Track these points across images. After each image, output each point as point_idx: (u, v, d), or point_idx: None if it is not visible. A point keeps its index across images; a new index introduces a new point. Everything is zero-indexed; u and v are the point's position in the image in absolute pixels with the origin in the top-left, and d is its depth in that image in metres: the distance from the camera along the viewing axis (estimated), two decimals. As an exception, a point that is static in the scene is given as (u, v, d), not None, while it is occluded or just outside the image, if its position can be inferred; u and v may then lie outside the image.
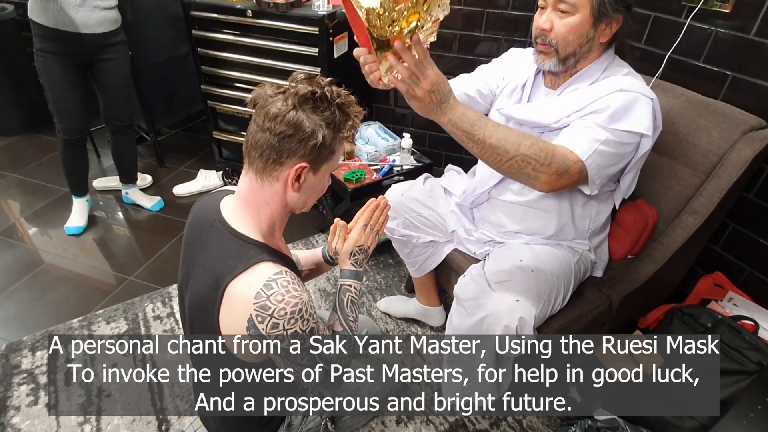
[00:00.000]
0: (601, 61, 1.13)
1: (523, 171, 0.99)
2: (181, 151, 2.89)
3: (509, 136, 0.97)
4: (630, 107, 1.05)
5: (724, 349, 1.28)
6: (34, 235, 2.22)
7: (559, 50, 1.10)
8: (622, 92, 1.06)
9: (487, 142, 0.95)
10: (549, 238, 1.30)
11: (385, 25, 0.79)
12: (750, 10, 1.32)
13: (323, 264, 1.20)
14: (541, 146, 0.98)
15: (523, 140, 0.97)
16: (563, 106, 1.11)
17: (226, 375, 0.91)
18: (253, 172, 0.86)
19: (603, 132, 1.03)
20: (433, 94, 0.89)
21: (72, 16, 1.76)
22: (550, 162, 0.98)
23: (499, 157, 0.97)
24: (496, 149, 0.96)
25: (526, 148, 0.96)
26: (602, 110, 1.04)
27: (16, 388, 1.53)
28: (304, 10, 1.89)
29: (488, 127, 0.95)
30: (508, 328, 1.13)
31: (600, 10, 1.04)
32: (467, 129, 0.94)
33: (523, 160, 0.97)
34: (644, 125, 1.05)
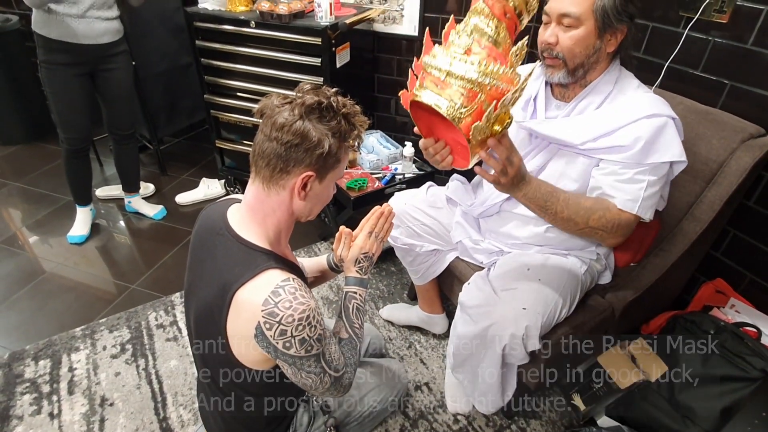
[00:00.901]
0: (610, 73, 1.14)
1: (592, 237, 1.13)
2: (183, 159, 2.90)
3: (579, 210, 1.07)
4: (659, 135, 1.06)
5: (727, 355, 1.28)
6: (36, 244, 2.23)
7: (567, 62, 1.10)
8: (650, 119, 1.06)
9: (559, 216, 1.07)
10: (558, 247, 1.30)
11: (485, 131, 0.84)
12: (747, 20, 1.34)
13: (328, 271, 1.20)
14: (608, 218, 1.08)
15: (592, 214, 1.08)
16: (590, 128, 1.11)
17: (227, 375, 0.91)
18: (260, 180, 0.87)
19: (642, 177, 1.07)
20: (516, 177, 0.98)
21: (74, 28, 1.79)
22: (616, 230, 1.10)
23: (569, 227, 1.11)
24: (568, 222, 1.08)
25: (595, 222, 1.08)
26: (631, 145, 1.06)
27: (19, 397, 1.52)
28: (306, 21, 1.92)
29: (560, 201, 1.05)
30: (514, 337, 1.14)
31: (604, 22, 1.04)
32: (541, 204, 1.05)
33: (592, 231, 1.10)
34: (676, 152, 1.07)
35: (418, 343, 1.75)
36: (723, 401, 1.25)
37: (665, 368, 1.36)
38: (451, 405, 1.51)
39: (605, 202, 1.09)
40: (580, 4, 1.03)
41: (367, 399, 1.19)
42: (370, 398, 1.20)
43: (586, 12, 1.04)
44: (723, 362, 1.28)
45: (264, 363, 0.88)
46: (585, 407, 1.43)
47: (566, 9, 1.04)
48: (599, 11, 1.03)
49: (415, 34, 2.20)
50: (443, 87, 0.83)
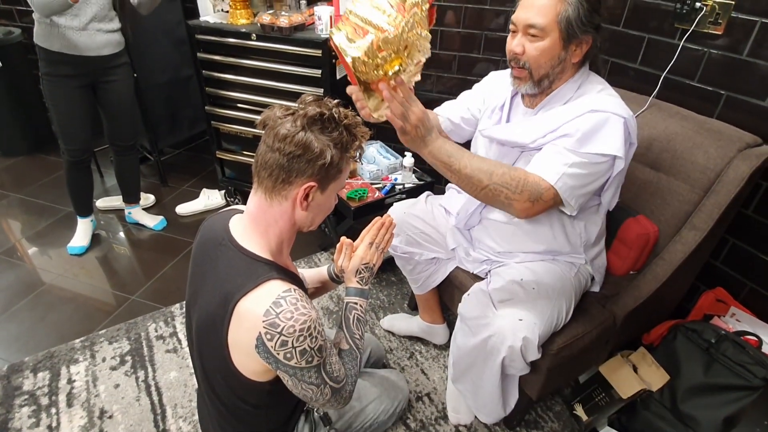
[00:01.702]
0: (574, 80, 1.15)
1: (498, 199, 1.05)
2: (183, 170, 2.91)
3: (482, 166, 1.03)
4: (599, 128, 1.06)
5: (729, 364, 1.28)
6: (36, 255, 2.23)
7: (532, 73, 1.11)
8: (593, 113, 1.07)
9: (462, 172, 1.02)
10: (543, 254, 1.31)
11: (370, 70, 0.88)
12: (742, 31, 1.36)
13: (329, 282, 1.20)
14: (513, 175, 1.04)
15: (496, 170, 1.03)
16: (539, 127, 1.13)
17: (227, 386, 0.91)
18: (263, 191, 0.87)
19: (571, 156, 1.05)
20: (418, 128, 0.97)
21: (76, 40, 1.81)
22: (522, 190, 1.04)
23: (474, 186, 1.04)
24: (471, 179, 1.03)
25: (498, 177, 1.03)
26: (572, 134, 1.06)
27: (18, 410, 1.51)
28: (307, 34, 1.94)
29: (464, 158, 1.02)
30: (513, 349, 1.14)
31: (569, 33, 1.05)
32: (445, 160, 1.02)
33: (495, 189, 1.03)
34: (615, 146, 1.05)
35: (418, 353, 1.74)
36: (725, 410, 1.25)
37: (667, 377, 1.36)
38: (452, 416, 1.50)
39: (515, 167, 1.08)
40: (545, 15, 1.04)
41: (368, 410, 1.19)
42: (371, 409, 1.20)
43: (551, 23, 1.05)
44: (725, 371, 1.28)
45: (265, 374, 0.88)
46: (587, 417, 1.42)
47: (532, 20, 1.05)
48: (563, 22, 1.04)
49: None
50: (351, 28, 0.88)
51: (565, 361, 1.26)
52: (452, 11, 2.09)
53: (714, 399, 1.27)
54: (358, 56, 0.86)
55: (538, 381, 1.29)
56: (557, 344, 1.23)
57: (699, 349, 1.35)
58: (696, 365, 1.34)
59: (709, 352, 1.33)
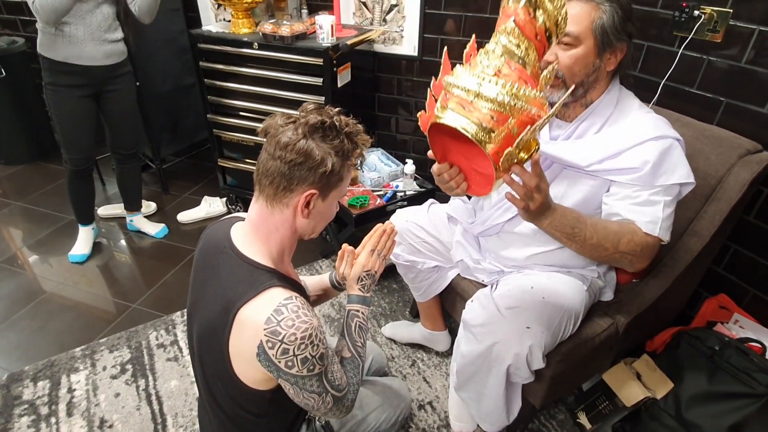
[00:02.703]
0: (611, 93, 1.13)
1: (620, 262, 1.08)
2: (185, 178, 2.92)
3: (608, 235, 1.02)
4: (666, 157, 1.05)
5: (733, 372, 1.27)
6: (37, 264, 2.23)
7: (566, 82, 1.08)
8: (657, 141, 1.05)
9: (588, 243, 1.01)
10: (560, 266, 1.29)
11: (513, 160, 0.79)
12: (740, 39, 1.37)
13: (330, 289, 1.20)
14: (637, 241, 1.04)
15: (621, 238, 1.03)
16: (595, 150, 1.11)
17: (229, 394, 0.91)
18: (264, 198, 0.87)
19: (659, 198, 1.05)
20: (543, 205, 0.93)
21: (80, 50, 1.82)
22: (643, 253, 1.05)
23: (598, 253, 1.04)
24: (596, 248, 1.03)
25: (624, 246, 1.03)
26: (641, 168, 1.05)
27: (17, 419, 1.51)
28: (308, 42, 1.95)
29: (587, 228, 1.01)
30: (519, 357, 1.13)
31: (603, 40, 1.04)
32: (568, 232, 1.00)
33: (621, 256, 1.04)
34: (684, 173, 1.06)
35: (421, 361, 1.74)
36: (730, 418, 1.23)
37: (671, 385, 1.35)
38: (455, 424, 1.49)
39: (630, 225, 1.06)
40: (580, 23, 1.03)
41: (370, 419, 1.18)
42: (373, 418, 1.19)
43: (585, 31, 1.03)
44: (729, 379, 1.27)
45: (266, 382, 0.87)
46: (591, 426, 1.41)
47: (566, 28, 1.05)
48: (598, 30, 1.03)
49: (415, 54, 2.23)
50: (470, 109, 0.78)
51: (569, 369, 1.25)
52: (452, 20, 2.10)
53: (718, 407, 1.26)
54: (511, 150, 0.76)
55: (541, 389, 1.28)
56: (561, 352, 1.22)
57: (703, 357, 1.35)
58: (700, 373, 1.33)
59: (713, 360, 1.32)
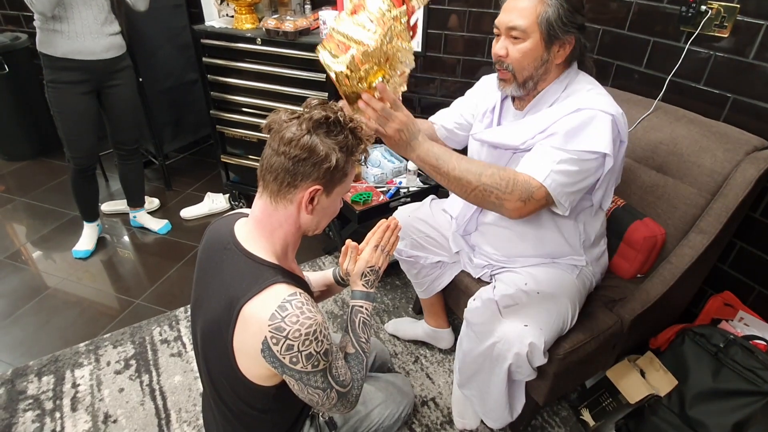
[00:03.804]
0: (560, 81, 1.14)
1: (488, 200, 1.03)
2: (188, 174, 2.92)
3: (471, 167, 1.02)
4: (586, 126, 1.05)
5: (738, 369, 1.27)
6: (40, 259, 2.23)
7: (516, 75, 1.12)
8: (579, 111, 1.06)
9: (451, 175, 1.01)
10: (543, 257, 1.30)
11: (354, 83, 0.93)
12: (747, 34, 1.36)
13: (334, 285, 1.20)
14: (502, 175, 1.02)
15: (484, 171, 1.02)
16: (528, 128, 1.13)
17: (233, 390, 0.91)
18: (268, 194, 0.87)
19: (558, 153, 1.04)
20: (401, 132, 0.97)
21: (79, 45, 1.81)
22: (512, 190, 1.02)
23: (463, 187, 1.03)
24: (460, 180, 1.02)
25: (487, 178, 1.01)
26: (558, 132, 1.06)
27: (22, 414, 1.51)
28: (312, 38, 1.95)
29: (452, 160, 1.02)
30: (519, 355, 1.13)
31: (550, 34, 1.06)
32: (433, 163, 1.01)
33: (485, 190, 1.02)
34: (602, 143, 1.04)
35: (424, 357, 1.74)
36: (735, 416, 1.23)
37: (675, 382, 1.35)
38: (458, 420, 1.49)
39: (504, 167, 1.07)
40: (526, 17, 1.05)
41: (373, 415, 1.18)
42: (377, 414, 1.19)
43: (531, 24, 1.05)
44: (734, 376, 1.27)
45: (270, 378, 0.87)
46: (594, 422, 1.41)
47: (513, 22, 1.06)
48: (544, 23, 1.05)
49: (419, 50, 2.22)
50: (334, 45, 0.94)
51: (572, 365, 1.25)
52: (456, 15, 2.09)
53: (723, 404, 1.26)
54: (342, 71, 0.91)
55: (544, 386, 1.28)
56: (564, 349, 1.22)
57: (707, 354, 1.34)
58: (704, 370, 1.32)
59: (718, 357, 1.31)
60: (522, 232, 1.28)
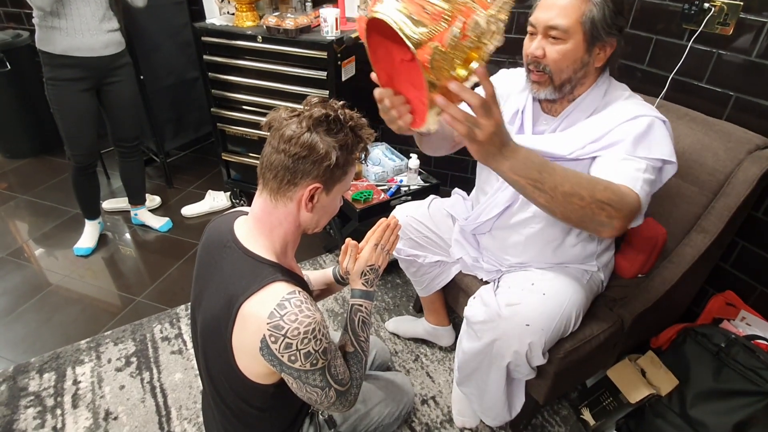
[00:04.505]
0: (599, 86, 1.10)
1: (596, 218, 0.87)
2: (189, 172, 2.93)
3: (581, 181, 0.86)
4: (648, 133, 1.00)
5: (739, 369, 1.26)
6: (42, 257, 2.24)
7: (553, 78, 1.05)
8: (637, 118, 1.01)
9: (558, 190, 0.83)
10: (557, 263, 1.28)
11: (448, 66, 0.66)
12: (750, 32, 1.35)
13: (334, 284, 1.20)
14: (614, 189, 0.89)
15: (597, 185, 0.87)
16: (577, 138, 1.07)
17: (232, 388, 0.91)
18: (268, 192, 0.87)
19: (639, 161, 0.97)
20: (495, 136, 0.75)
21: (78, 41, 1.81)
22: (623, 206, 0.88)
23: (572, 205, 0.85)
24: (570, 197, 0.84)
25: (602, 194, 0.86)
26: (623, 140, 0.99)
27: (23, 411, 1.52)
28: (312, 36, 1.94)
29: (557, 172, 0.83)
30: (518, 354, 1.12)
31: (593, 35, 1.00)
32: (534, 176, 0.82)
33: (598, 207, 0.86)
34: (666, 150, 1.01)
35: (424, 356, 1.73)
36: (736, 416, 1.23)
37: (676, 382, 1.34)
38: (458, 419, 1.49)
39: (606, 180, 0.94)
40: (569, 16, 0.98)
41: (373, 413, 1.18)
42: (376, 412, 1.19)
43: (574, 25, 0.99)
44: (735, 376, 1.26)
45: (269, 376, 0.87)
46: (594, 422, 1.41)
47: (554, 21, 0.99)
48: (588, 24, 0.99)
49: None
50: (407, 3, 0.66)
51: (573, 365, 1.25)
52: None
53: (724, 404, 1.26)
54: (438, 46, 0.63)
55: (545, 385, 1.27)
56: (565, 348, 1.21)
57: (709, 354, 1.34)
58: (706, 370, 1.32)
59: (719, 357, 1.31)
60: (539, 240, 1.22)
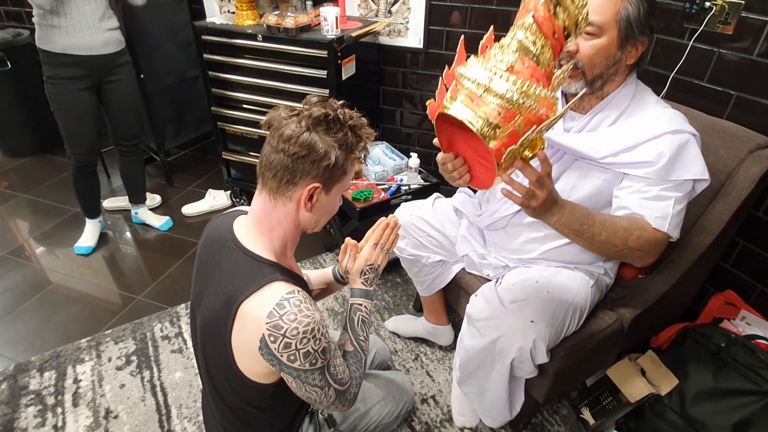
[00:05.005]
0: (627, 86, 1.11)
1: (628, 258, 1.08)
2: (189, 171, 2.93)
3: (617, 231, 1.02)
4: (682, 152, 1.04)
5: (739, 369, 1.26)
6: (43, 255, 2.24)
7: (586, 73, 1.07)
8: (674, 135, 1.04)
9: (596, 239, 1.01)
10: (565, 263, 1.28)
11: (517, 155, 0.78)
12: (752, 31, 1.35)
13: (334, 283, 1.20)
14: (646, 237, 1.03)
15: (630, 235, 1.02)
16: (609, 142, 1.09)
17: (232, 387, 0.91)
18: (267, 192, 0.87)
19: (670, 194, 1.04)
20: (547, 201, 0.92)
21: (77, 40, 1.81)
22: (653, 249, 1.05)
23: (607, 250, 1.05)
24: (606, 245, 1.03)
25: (634, 242, 1.02)
26: (656, 161, 1.03)
27: (24, 409, 1.52)
28: (313, 34, 1.94)
29: (596, 224, 1.00)
30: (523, 350, 1.12)
31: (627, 33, 1.02)
32: (577, 228, 1.00)
33: (631, 252, 1.04)
34: (699, 169, 1.05)
35: (424, 355, 1.73)
36: (736, 415, 1.23)
37: (676, 382, 1.34)
38: (457, 418, 1.49)
39: (639, 221, 1.05)
40: (604, 13, 1.01)
41: (372, 412, 1.18)
42: (376, 411, 1.19)
43: (609, 21, 1.01)
44: (735, 375, 1.26)
45: (268, 376, 0.87)
46: (594, 421, 1.41)
47: (590, 17, 1.00)
48: (623, 21, 1.01)
49: (420, 46, 2.21)
50: (479, 103, 0.77)
51: (573, 364, 1.25)
52: (458, 11, 2.08)
53: (724, 404, 1.26)
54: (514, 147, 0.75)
55: (545, 384, 1.27)
56: (565, 347, 1.21)
57: (708, 353, 1.34)
58: (705, 369, 1.32)
59: (719, 356, 1.31)
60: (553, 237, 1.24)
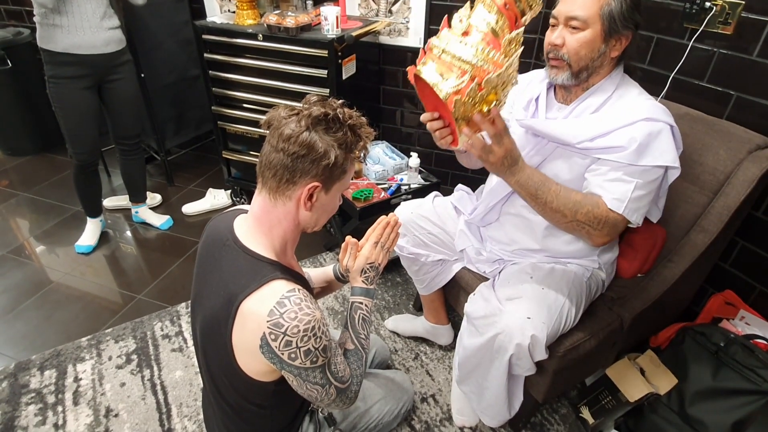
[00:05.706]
0: (612, 78, 1.15)
1: (578, 232, 1.14)
2: (190, 170, 2.93)
3: (568, 203, 1.09)
4: (654, 139, 1.07)
5: (738, 368, 1.26)
6: (43, 254, 2.25)
7: (571, 64, 1.11)
8: (647, 122, 1.07)
9: (548, 206, 1.09)
10: (558, 256, 1.30)
11: (468, 108, 0.90)
12: (752, 32, 1.35)
13: (334, 282, 1.20)
14: (596, 214, 1.09)
15: (580, 208, 1.09)
16: (587, 128, 1.13)
17: (232, 386, 0.91)
18: (267, 191, 0.87)
19: (632, 179, 1.08)
20: (505, 159, 1.02)
21: (78, 39, 1.81)
22: (602, 227, 1.11)
23: (557, 219, 1.12)
24: (555, 213, 1.10)
25: (582, 216, 1.09)
26: (626, 146, 1.06)
27: (24, 407, 1.52)
28: (313, 34, 1.94)
29: (551, 191, 1.08)
30: (521, 347, 1.13)
31: (611, 27, 1.06)
32: (532, 192, 1.08)
33: (579, 225, 1.11)
34: (670, 157, 1.08)
35: (424, 354, 1.74)
36: (734, 415, 1.23)
37: (675, 381, 1.35)
38: (457, 418, 1.49)
39: (594, 198, 1.10)
40: (588, 8, 1.06)
41: (372, 411, 1.19)
42: (376, 410, 1.19)
43: (593, 16, 1.06)
44: (734, 375, 1.27)
45: (269, 374, 0.88)
46: (593, 420, 1.41)
47: (574, 12, 1.07)
48: (606, 16, 1.05)
49: (420, 45, 2.22)
50: (441, 64, 0.90)
51: (572, 363, 1.25)
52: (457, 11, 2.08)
53: (723, 403, 1.26)
54: (460, 99, 0.87)
55: (544, 383, 1.28)
56: (564, 346, 1.22)
57: (707, 353, 1.34)
58: (704, 369, 1.32)
59: (718, 356, 1.31)
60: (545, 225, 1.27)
